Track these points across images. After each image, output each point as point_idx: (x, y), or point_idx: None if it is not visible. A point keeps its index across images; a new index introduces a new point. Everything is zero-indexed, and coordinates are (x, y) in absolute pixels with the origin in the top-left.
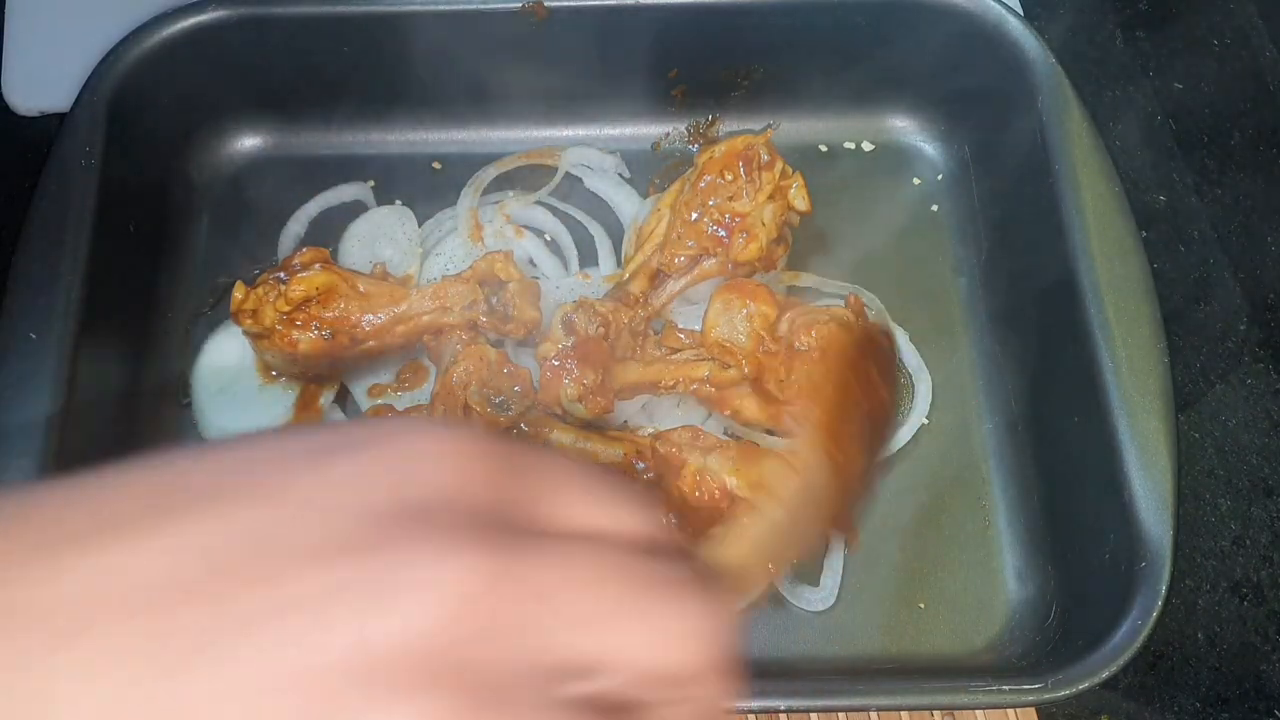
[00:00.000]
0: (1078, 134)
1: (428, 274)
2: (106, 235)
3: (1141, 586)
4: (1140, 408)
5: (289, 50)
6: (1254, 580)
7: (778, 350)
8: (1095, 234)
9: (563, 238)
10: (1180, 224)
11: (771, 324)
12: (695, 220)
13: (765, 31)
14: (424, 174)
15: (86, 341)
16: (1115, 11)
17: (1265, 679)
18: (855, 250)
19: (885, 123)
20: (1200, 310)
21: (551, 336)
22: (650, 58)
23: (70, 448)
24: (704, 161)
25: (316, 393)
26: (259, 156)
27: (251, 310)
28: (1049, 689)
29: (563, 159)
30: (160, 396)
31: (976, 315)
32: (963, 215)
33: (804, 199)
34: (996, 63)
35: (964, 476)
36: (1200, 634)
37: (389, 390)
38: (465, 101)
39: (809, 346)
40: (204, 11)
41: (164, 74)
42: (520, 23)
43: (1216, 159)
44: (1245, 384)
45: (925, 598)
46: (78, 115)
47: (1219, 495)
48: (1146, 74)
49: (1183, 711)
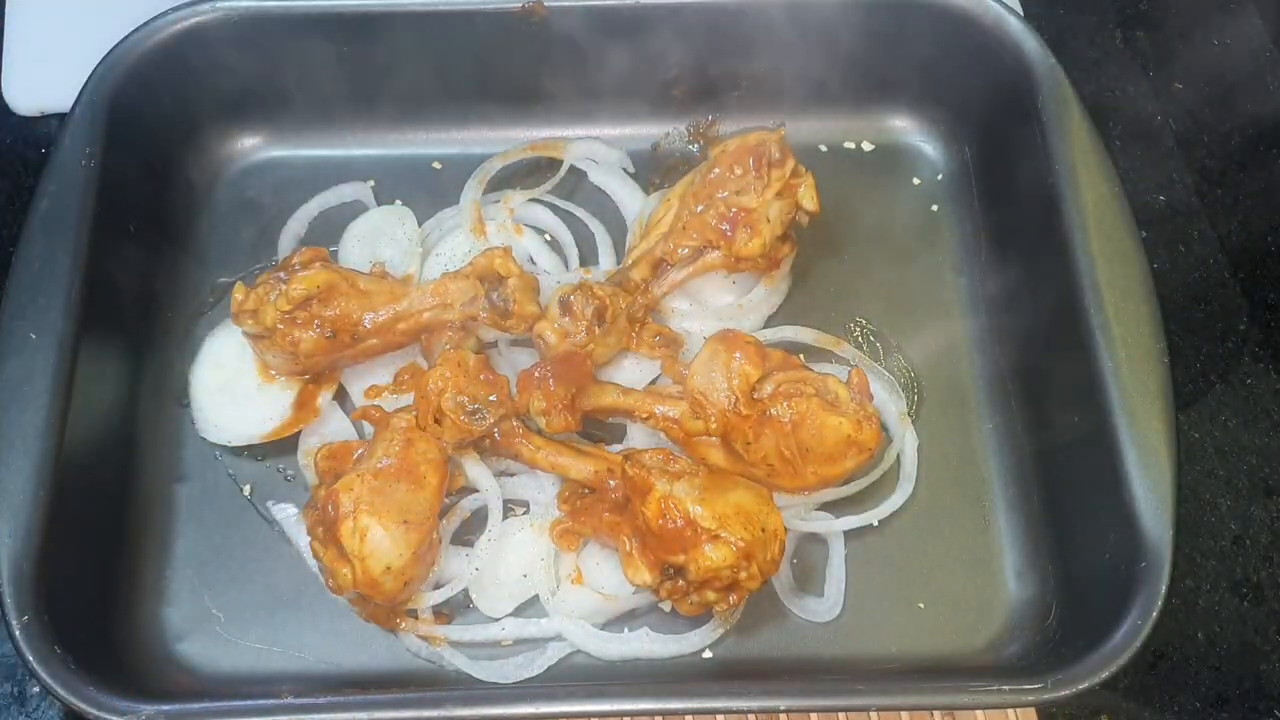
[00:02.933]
0: (1078, 134)
1: (428, 274)
2: (106, 236)
3: (1141, 586)
4: (1140, 408)
5: (289, 50)
6: (1254, 580)
7: (750, 415)
8: (1095, 234)
9: (563, 235)
10: (1180, 224)
11: (751, 386)
12: (701, 212)
13: (765, 31)
14: (424, 174)
15: (86, 341)
16: (1115, 11)
17: (1265, 679)
18: (855, 250)
19: (885, 123)
20: (1200, 310)
21: (548, 315)
22: (650, 58)
23: (70, 448)
24: (716, 154)
25: (315, 392)
26: (259, 156)
27: (252, 310)
28: (1049, 689)
29: (568, 152)
30: (160, 396)
31: (976, 315)
32: (963, 215)
33: (813, 199)
34: (996, 63)
35: (964, 476)
36: (1200, 634)
37: (385, 392)
38: (465, 101)
39: (784, 417)
40: (204, 11)
41: (164, 74)
42: (520, 23)
43: (1216, 159)
44: (1245, 384)
45: (925, 598)
46: (78, 115)
47: (1219, 495)
48: (1146, 74)
49: (1183, 711)
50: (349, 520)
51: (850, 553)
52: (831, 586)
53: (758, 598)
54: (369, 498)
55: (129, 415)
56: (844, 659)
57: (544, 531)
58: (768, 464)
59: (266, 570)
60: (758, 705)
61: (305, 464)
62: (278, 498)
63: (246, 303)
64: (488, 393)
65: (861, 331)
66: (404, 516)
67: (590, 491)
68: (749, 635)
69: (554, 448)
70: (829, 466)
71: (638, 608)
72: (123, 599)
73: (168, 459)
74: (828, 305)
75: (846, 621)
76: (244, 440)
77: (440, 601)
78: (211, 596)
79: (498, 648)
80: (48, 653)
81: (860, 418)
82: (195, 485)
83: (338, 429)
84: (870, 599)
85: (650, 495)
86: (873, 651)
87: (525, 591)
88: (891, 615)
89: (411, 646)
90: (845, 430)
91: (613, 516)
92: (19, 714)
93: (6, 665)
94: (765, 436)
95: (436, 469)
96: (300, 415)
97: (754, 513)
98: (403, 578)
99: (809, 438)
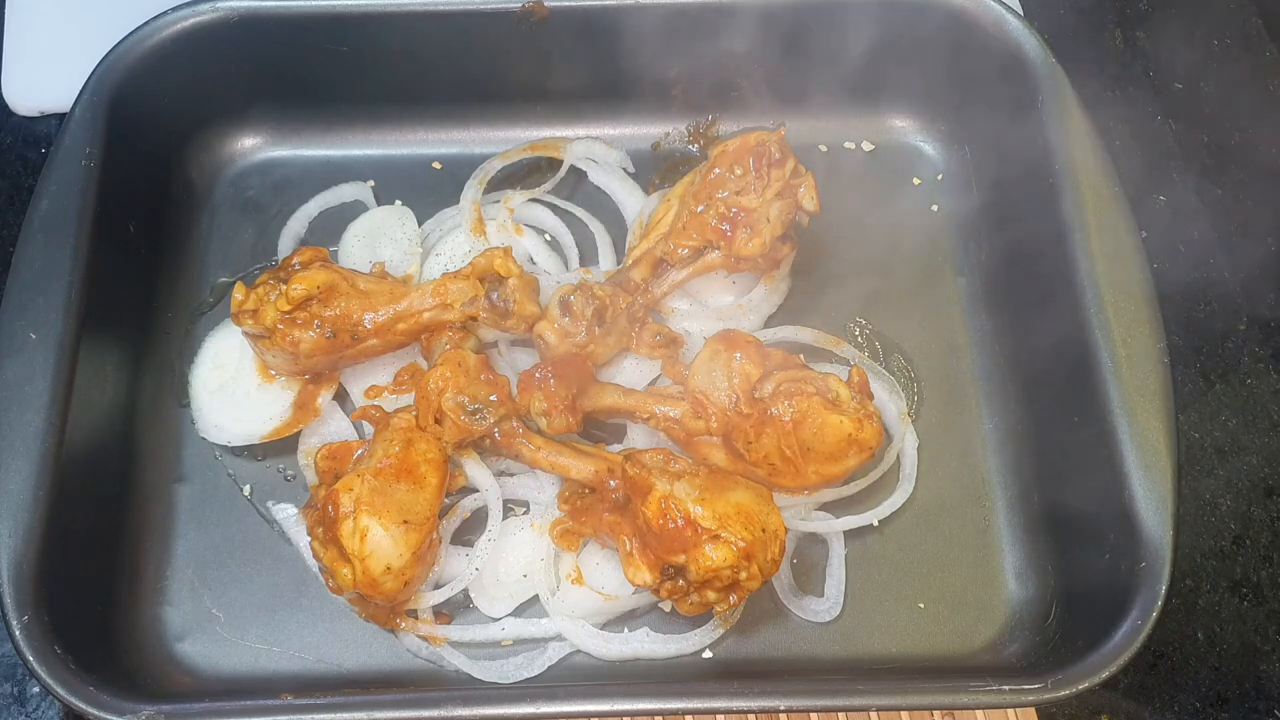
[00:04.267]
0: (1078, 134)
1: (428, 274)
2: (106, 235)
3: (1141, 586)
4: (1140, 408)
5: (289, 50)
6: (1254, 580)
7: (751, 414)
8: (1095, 234)
9: (563, 236)
10: (1180, 224)
11: (752, 385)
12: (702, 212)
13: (765, 31)
14: (424, 174)
15: (86, 341)
16: (1115, 11)
17: (1265, 679)
18: (855, 250)
19: (885, 123)
20: (1200, 310)
21: (548, 316)
22: (650, 58)
23: (70, 448)
24: (716, 154)
25: (315, 392)
26: (259, 156)
27: (252, 310)
28: (1049, 689)
29: (568, 151)
30: (160, 396)
31: (976, 315)
32: (963, 215)
33: (813, 199)
34: (996, 63)
35: (964, 476)
36: (1200, 634)
37: (385, 392)
38: (465, 101)
39: (785, 416)
40: (204, 11)
41: (164, 74)
42: (521, 22)
43: (1216, 159)
44: (1245, 384)
45: (925, 598)
46: (78, 115)
47: (1219, 495)
48: (1146, 74)
49: (1183, 711)
50: (349, 520)
51: (850, 553)
52: (831, 586)
53: (758, 598)
54: (369, 498)
55: (129, 415)
56: (844, 659)
57: (544, 531)
58: (769, 463)
59: (266, 570)
60: (758, 705)
61: (305, 464)
62: (278, 498)
63: (246, 303)
64: (488, 393)
65: (861, 331)
66: (404, 516)
67: (590, 491)
68: (749, 635)
69: (554, 448)
70: (830, 465)
71: (638, 608)
72: (123, 599)
73: (168, 459)
74: (828, 305)
75: (846, 621)
76: (244, 440)
77: (440, 601)
78: (211, 596)
79: (498, 648)
80: (48, 653)
81: (861, 416)
82: (195, 485)
83: (338, 429)
84: (870, 599)
85: (651, 495)
86: (873, 651)
87: (525, 591)
88: (891, 615)
89: (411, 646)
90: (846, 429)
91: (613, 516)
92: (19, 714)
93: (6, 665)
94: (766, 435)
95: (436, 469)
96: (300, 415)
97: (754, 513)
98: (403, 578)
99: (810, 436)
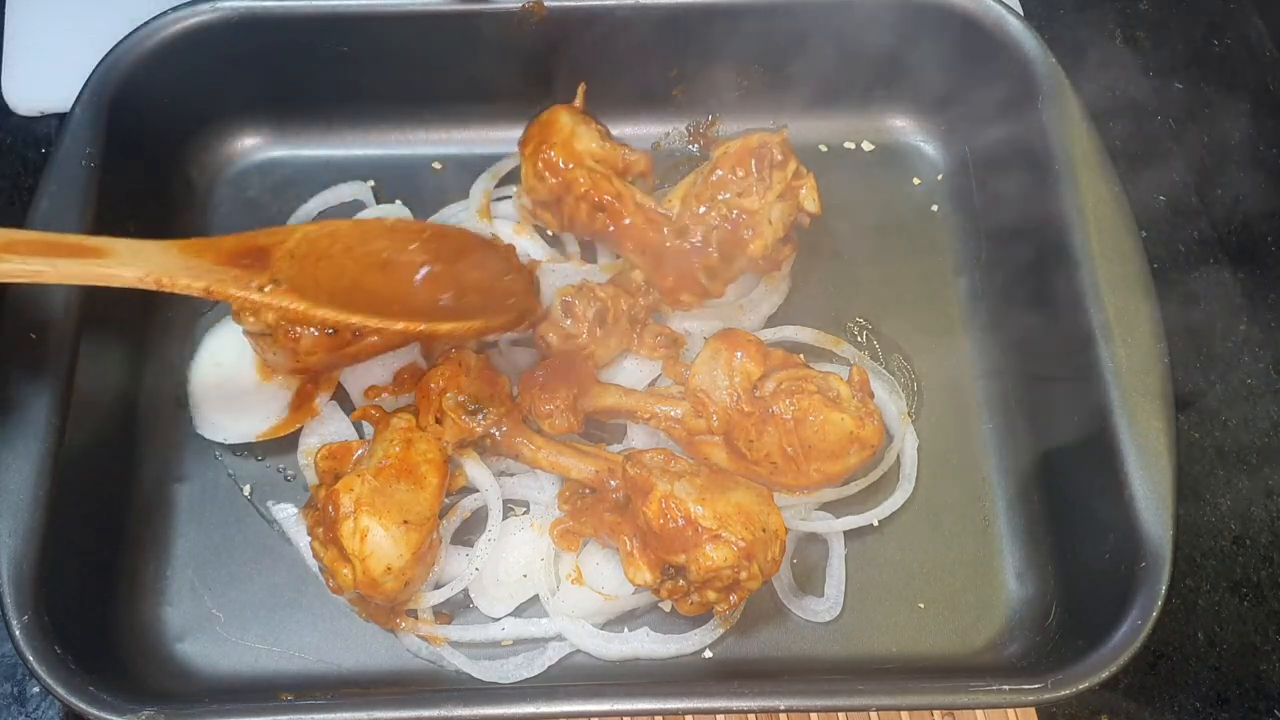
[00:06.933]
0: (1078, 134)
1: None
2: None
3: (1141, 586)
4: (1140, 408)
5: (289, 50)
6: (1254, 580)
7: (752, 412)
8: (1095, 234)
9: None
10: (1180, 223)
11: (753, 383)
12: (703, 214)
13: (765, 31)
14: (424, 174)
15: (86, 341)
16: (1115, 11)
17: (1265, 679)
18: (855, 250)
19: (885, 123)
20: (1200, 310)
21: (551, 318)
22: (650, 58)
23: (70, 448)
24: (718, 155)
25: (313, 392)
26: (259, 156)
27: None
28: (1049, 689)
29: None
30: (160, 396)
31: (976, 315)
32: (963, 215)
33: (814, 200)
34: (996, 63)
35: (964, 476)
36: (1200, 634)
37: (385, 392)
38: (465, 101)
39: (787, 414)
40: (204, 11)
41: (164, 74)
42: (520, 23)
43: (1216, 159)
44: (1245, 384)
45: (925, 598)
46: (78, 115)
47: (1219, 495)
48: (1146, 74)
49: (1183, 711)
50: (349, 520)
51: (850, 553)
52: (831, 586)
53: (758, 598)
54: (369, 498)
55: (129, 415)
56: (844, 659)
57: (544, 531)
58: (770, 462)
59: (266, 570)
60: (758, 705)
61: (305, 464)
62: (278, 498)
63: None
64: (488, 393)
65: (861, 331)
66: (404, 516)
67: (591, 491)
68: (749, 635)
69: (554, 448)
70: (832, 463)
71: (638, 608)
72: (123, 599)
73: (168, 459)
74: (828, 305)
75: (846, 621)
76: (242, 438)
77: (440, 601)
78: (211, 596)
79: (498, 648)
80: (48, 653)
81: (862, 414)
82: (195, 485)
83: (338, 429)
84: (870, 599)
85: (651, 495)
86: (873, 651)
87: (525, 591)
88: (891, 615)
89: (411, 646)
90: (848, 427)
91: (613, 516)
92: (19, 714)
93: (6, 665)
94: (768, 434)
95: (436, 469)
96: (299, 414)
97: (755, 512)
98: (403, 578)
99: (812, 435)
